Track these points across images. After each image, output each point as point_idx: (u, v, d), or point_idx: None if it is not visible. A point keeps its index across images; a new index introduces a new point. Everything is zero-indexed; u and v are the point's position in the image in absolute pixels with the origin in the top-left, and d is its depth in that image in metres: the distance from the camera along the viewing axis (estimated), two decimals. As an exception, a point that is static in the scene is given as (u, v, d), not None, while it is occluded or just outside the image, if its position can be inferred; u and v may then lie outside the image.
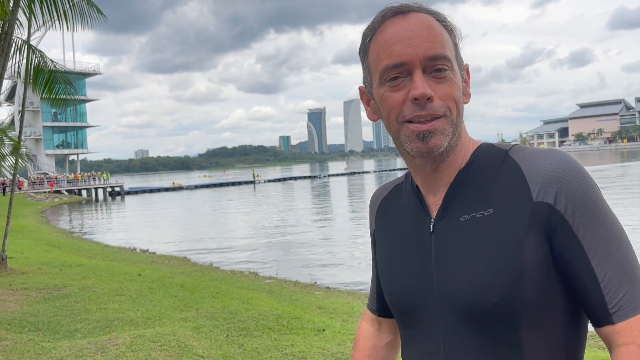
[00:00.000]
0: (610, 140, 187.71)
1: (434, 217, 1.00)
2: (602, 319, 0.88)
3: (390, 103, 0.94)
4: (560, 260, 0.90)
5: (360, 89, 1.06)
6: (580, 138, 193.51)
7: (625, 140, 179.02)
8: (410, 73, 0.92)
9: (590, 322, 0.92)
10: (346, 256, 14.14)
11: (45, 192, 49.93)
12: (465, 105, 0.99)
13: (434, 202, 1.01)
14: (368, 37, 0.98)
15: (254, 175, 70.70)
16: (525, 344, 0.90)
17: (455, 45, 0.98)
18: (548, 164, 0.91)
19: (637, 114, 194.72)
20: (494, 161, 0.97)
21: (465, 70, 1.01)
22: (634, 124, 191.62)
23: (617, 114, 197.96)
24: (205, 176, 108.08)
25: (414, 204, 1.05)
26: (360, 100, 1.08)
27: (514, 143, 1.01)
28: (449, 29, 0.97)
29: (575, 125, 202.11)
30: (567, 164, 0.91)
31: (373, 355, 1.23)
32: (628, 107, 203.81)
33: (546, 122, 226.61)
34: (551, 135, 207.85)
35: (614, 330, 0.87)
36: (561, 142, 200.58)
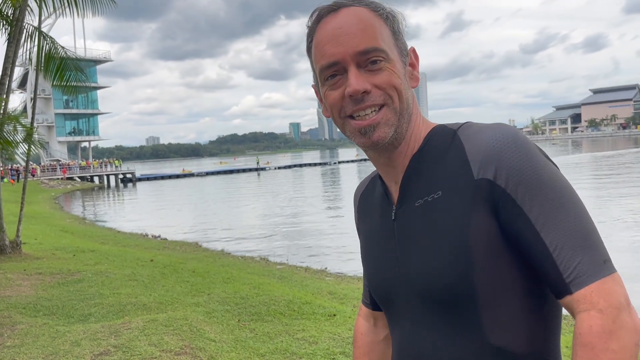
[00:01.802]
0: (624, 127, 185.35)
1: (395, 204, 1.02)
2: (560, 290, 0.86)
3: (331, 101, 0.96)
4: (510, 236, 0.89)
5: (313, 87, 1.06)
6: (593, 124, 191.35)
7: (639, 126, 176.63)
8: (346, 70, 0.93)
9: (553, 295, 0.90)
10: (356, 243, 14.14)
11: (58, 178, 50.38)
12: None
13: (395, 190, 1.03)
14: (309, 38, 0.99)
15: (257, 162, 70.83)
16: (485, 323, 0.91)
17: (395, 32, 0.97)
18: (487, 139, 0.91)
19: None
20: (444, 142, 0.97)
21: (410, 54, 1.01)
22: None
23: (630, 99, 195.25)
24: (221, 163, 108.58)
25: (381, 194, 1.08)
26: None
27: (465, 122, 1.00)
28: (385, 17, 0.96)
29: (588, 111, 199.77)
30: (505, 137, 0.89)
31: (373, 351, 1.24)
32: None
33: (559, 108, 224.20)
34: (563, 122, 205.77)
35: (573, 299, 0.85)
36: (574, 128, 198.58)
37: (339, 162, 77.33)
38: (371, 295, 1.23)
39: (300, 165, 73.87)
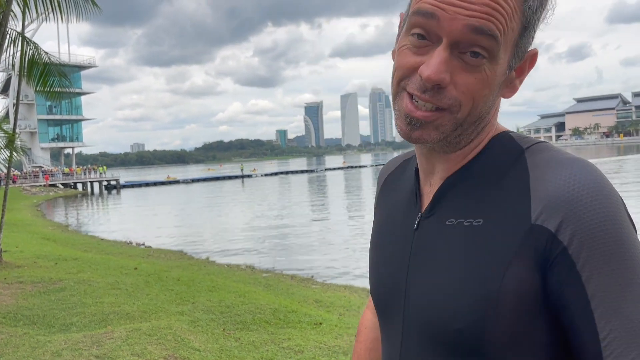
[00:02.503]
0: (607, 135, 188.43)
1: (422, 212, 0.85)
2: None
3: (402, 62, 0.77)
4: (556, 302, 0.72)
5: (401, 15, 0.84)
6: (577, 132, 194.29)
7: (621, 135, 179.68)
8: (439, 41, 0.73)
9: None
10: (343, 250, 14.14)
11: (40, 185, 49.77)
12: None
13: (428, 193, 0.86)
14: None
15: (241, 169, 70.66)
16: None
17: (526, 27, 0.75)
18: (562, 178, 0.71)
19: (633, 109, 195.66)
20: (505, 159, 0.79)
21: (526, 58, 0.80)
22: (630, 119, 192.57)
23: (613, 108, 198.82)
24: (209, 169, 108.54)
25: (410, 190, 0.91)
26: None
27: (539, 140, 0.80)
28: (527, 6, 0.73)
29: (572, 119, 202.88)
30: (586, 182, 0.70)
31: (375, 349, 1.12)
32: (625, 102, 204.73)
33: (543, 117, 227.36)
34: (548, 130, 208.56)
35: None
36: (558, 137, 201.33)
37: (326, 170, 77.53)
38: None
39: (287, 173, 73.86)
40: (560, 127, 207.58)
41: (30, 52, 10.36)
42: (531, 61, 0.81)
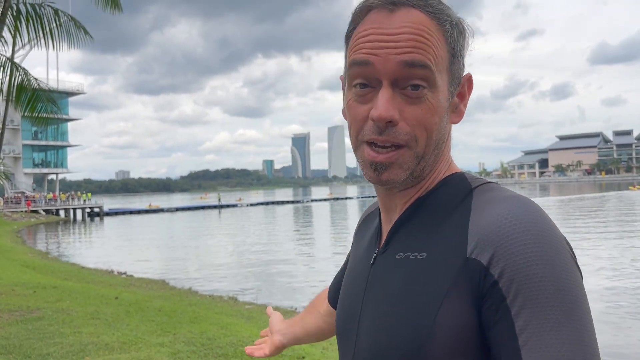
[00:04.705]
0: (589, 172, 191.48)
1: (379, 247, 0.90)
2: None
3: (353, 115, 0.82)
4: (488, 336, 0.72)
5: (341, 78, 0.91)
6: (560, 169, 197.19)
7: (603, 173, 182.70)
8: (380, 84, 0.78)
9: None
10: (328, 282, 14.04)
11: (22, 211, 49.04)
12: (451, 128, 0.87)
13: (386, 230, 0.90)
14: (351, 26, 0.84)
15: (219, 199, 69.29)
16: None
17: (454, 54, 0.81)
18: (496, 214, 0.73)
19: (614, 147, 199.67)
20: (455, 197, 0.82)
21: (463, 82, 0.85)
22: (611, 157, 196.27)
23: (595, 146, 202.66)
24: (201, 198, 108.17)
25: (375, 228, 0.96)
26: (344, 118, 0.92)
27: (489, 180, 0.84)
28: (449, 34, 0.80)
29: (555, 156, 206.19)
30: (520, 217, 0.71)
31: (318, 316, 1.35)
32: (606, 140, 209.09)
33: (527, 153, 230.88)
34: (531, 166, 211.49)
35: None
36: (541, 173, 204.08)
37: (312, 200, 77.49)
38: (333, 294, 1.26)
39: (273, 203, 73.65)
40: (544, 163, 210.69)
41: (19, 77, 10.36)
42: (469, 85, 0.87)
